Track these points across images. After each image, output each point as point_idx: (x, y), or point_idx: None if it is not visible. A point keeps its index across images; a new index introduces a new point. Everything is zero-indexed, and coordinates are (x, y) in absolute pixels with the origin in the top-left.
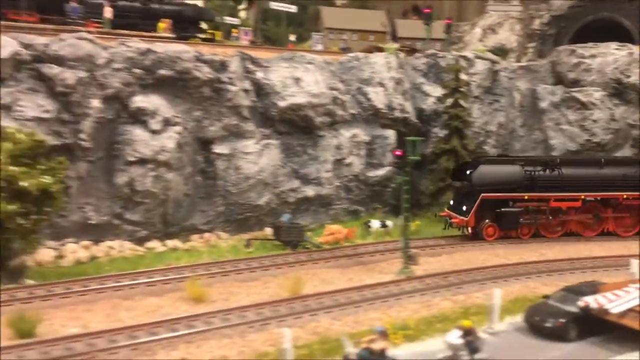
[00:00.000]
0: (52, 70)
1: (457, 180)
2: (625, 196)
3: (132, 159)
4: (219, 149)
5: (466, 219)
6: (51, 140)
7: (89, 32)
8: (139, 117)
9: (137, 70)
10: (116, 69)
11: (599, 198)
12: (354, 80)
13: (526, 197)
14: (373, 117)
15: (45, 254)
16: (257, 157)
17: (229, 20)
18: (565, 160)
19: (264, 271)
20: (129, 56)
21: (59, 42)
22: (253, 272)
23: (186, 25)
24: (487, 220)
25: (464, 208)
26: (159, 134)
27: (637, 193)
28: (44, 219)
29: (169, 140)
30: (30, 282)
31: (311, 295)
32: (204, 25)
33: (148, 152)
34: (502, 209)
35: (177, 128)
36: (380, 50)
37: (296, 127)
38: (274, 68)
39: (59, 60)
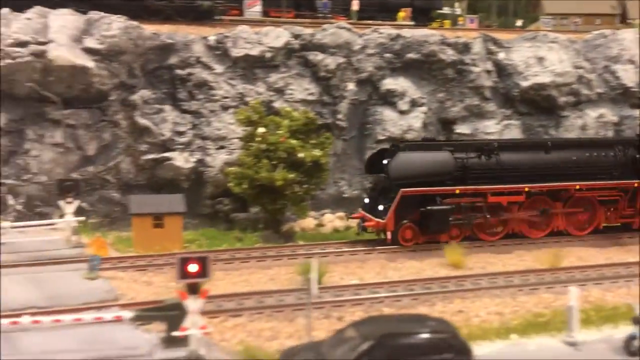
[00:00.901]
0: (316, 57)
1: (373, 173)
2: (578, 187)
3: (382, 137)
4: (460, 129)
5: (383, 221)
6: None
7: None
8: (389, 99)
9: (388, 55)
10: (369, 54)
11: (545, 190)
12: (600, 58)
13: (457, 192)
14: (621, 96)
15: (308, 221)
16: (497, 137)
17: (451, 10)
18: (504, 145)
19: (517, 245)
20: (380, 42)
21: (322, 31)
22: (506, 245)
23: (417, 15)
24: (405, 221)
25: (381, 207)
26: (406, 114)
27: (593, 182)
28: (313, 189)
29: (415, 120)
30: (300, 242)
31: (575, 267)
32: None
33: (396, 131)
34: (428, 208)
35: (423, 108)
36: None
37: (538, 108)
38: (516, 48)
39: (322, 48)
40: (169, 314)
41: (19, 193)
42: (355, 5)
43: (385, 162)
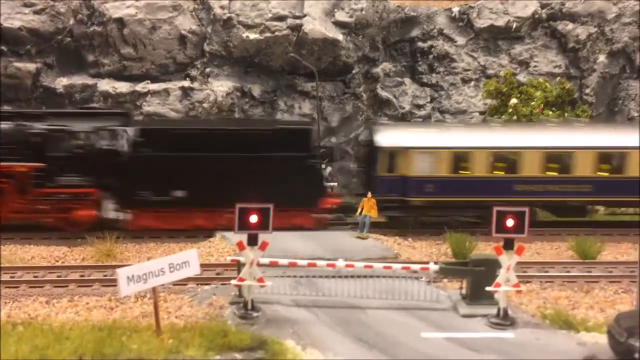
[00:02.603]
0: (566, 27)
1: None
2: None
3: (636, 114)
4: None
5: None
6: None
7: None
8: None
9: None
10: (625, 23)
11: None
12: None
13: None
14: None
15: None
16: None
17: None
18: None
19: None
20: (638, 9)
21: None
22: None
23: None
24: None
25: None
26: None
27: None
28: None
29: None
30: None
31: None
32: None
33: None
34: None
35: None
36: None
37: None
38: None
39: (572, 17)
40: (476, 269)
41: None
42: None
43: None
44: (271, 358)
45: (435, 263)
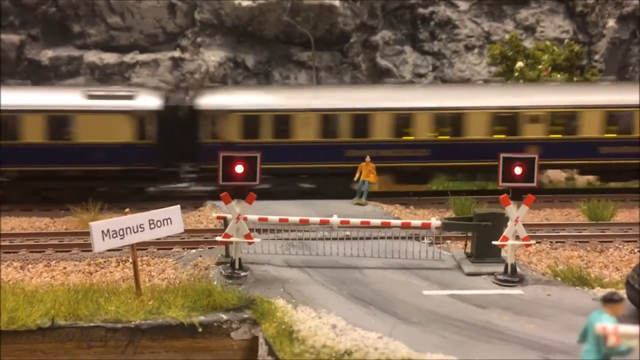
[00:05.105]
0: None
1: None
2: None
3: None
4: None
5: None
6: None
7: None
8: None
9: None
10: None
11: None
12: None
13: None
14: None
15: None
16: None
17: None
18: None
19: None
20: None
21: None
22: None
23: None
24: None
25: None
26: None
27: None
28: None
29: None
30: None
31: None
32: None
33: None
34: None
35: None
36: None
37: None
38: None
39: None
40: (481, 224)
41: None
42: None
43: None
44: (259, 317)
45: (437, 219)
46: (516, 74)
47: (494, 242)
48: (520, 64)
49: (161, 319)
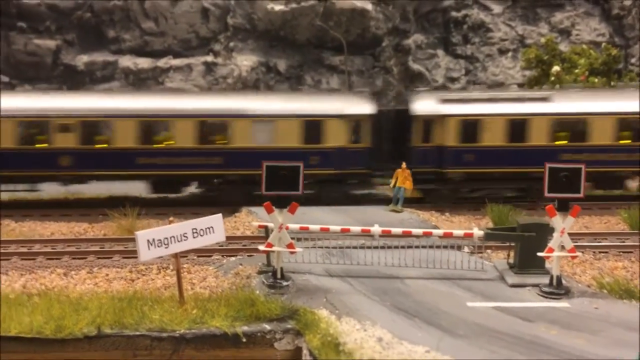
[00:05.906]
0: None
1: None
2: None
3: None
4: None
5: None
6: None
7: None
8: None
9: None
10: None
11: None
12: None
13: None
14: None
15: None
16: None
17: None
18: None
19: None
20: None
21: None
22: None
23: None
24: None
25: None
26: None
27: None
28: None
29: None
30: None
31: None
32: None
33: None
34: None
35: None
36: None
37: None
38: None
39: None
40: (525, 235)
41: None
42: None
43: None
44: (303, 328)
45: (480, 229)
46: (552, 78)
47: (539, 254)
48: (556, 68)
49: (205, 329)
